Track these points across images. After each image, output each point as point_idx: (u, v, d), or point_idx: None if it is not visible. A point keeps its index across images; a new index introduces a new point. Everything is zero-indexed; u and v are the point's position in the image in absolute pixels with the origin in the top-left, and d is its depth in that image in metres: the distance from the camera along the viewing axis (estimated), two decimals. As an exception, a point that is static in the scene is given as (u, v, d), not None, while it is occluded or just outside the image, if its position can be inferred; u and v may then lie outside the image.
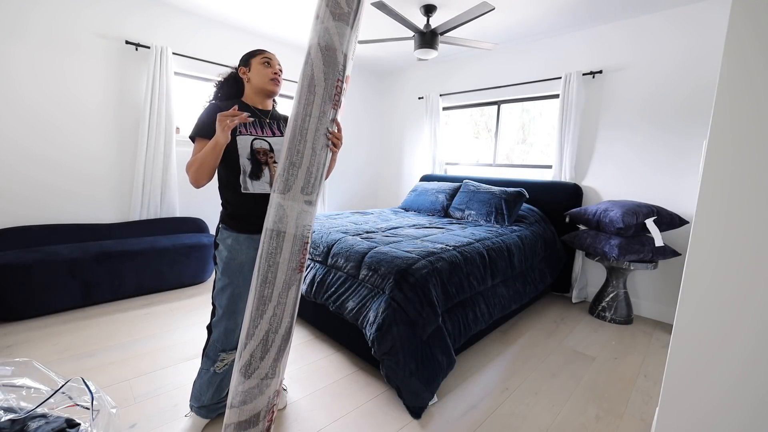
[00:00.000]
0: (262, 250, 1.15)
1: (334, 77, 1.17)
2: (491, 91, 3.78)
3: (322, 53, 1.16)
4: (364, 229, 2.54)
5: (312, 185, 1.18)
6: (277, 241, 1.14)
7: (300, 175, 1.15)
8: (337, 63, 1.17)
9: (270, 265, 1.13)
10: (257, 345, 1.12)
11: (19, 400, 0.97)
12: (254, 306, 1.14)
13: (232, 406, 1.13)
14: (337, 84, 1.18)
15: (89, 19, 2.73)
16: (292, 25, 3.33)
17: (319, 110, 1.16)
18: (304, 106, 1.16)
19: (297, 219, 1.15)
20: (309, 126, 1.16)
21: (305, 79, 1.17)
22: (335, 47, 1.17)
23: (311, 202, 1.19)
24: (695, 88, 2.57)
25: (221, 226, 1.38)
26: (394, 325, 1.62)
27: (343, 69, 1.20)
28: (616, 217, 2.47)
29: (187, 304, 2.67)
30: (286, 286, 1.15)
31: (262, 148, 1.31)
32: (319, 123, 1.17)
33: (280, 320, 1.14)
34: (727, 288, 1.00)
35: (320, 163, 1.19)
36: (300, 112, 1.17)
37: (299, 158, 1.15)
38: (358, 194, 4.97)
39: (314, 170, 1.18)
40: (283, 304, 1.14)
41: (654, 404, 1.72)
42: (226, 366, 1.40)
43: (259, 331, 1.12)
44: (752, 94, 0.95)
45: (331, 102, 1.18)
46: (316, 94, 1.16)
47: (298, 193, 1.15)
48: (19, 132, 2.53)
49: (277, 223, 1.15)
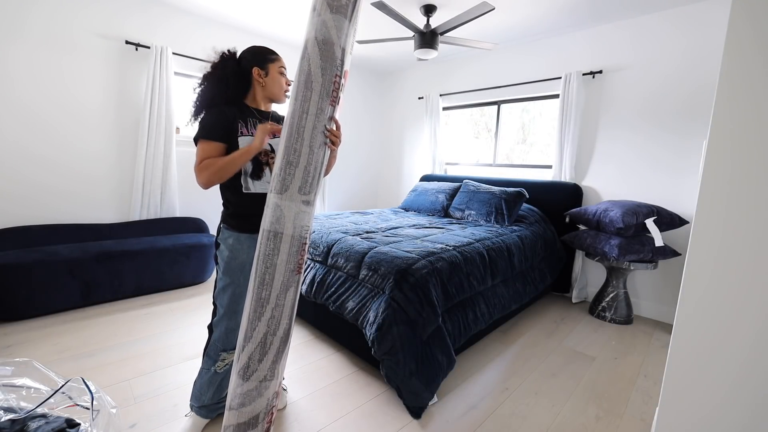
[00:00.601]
0: (260, 252, 1.13)
1: (331, 73, 1.13)
2: (491, 91, 3.78)
3: (319, 48, 1.11)
4: (364, 229, 2.54)
5: (310, 185, 1.14)
6: (274, 243, 1.11)
7: (297, 175, 1.12)
8: (335, 58, 1.13)
9: (267, 266, 1.11)
10: (255, 347, 1.10)
11: (19, 400, 0.97)
12: (252, 308, 1.12)
13: (231, 408, 1.12)
14: (335, 80, 1.14)
15: (89, 19, 2.73)
16: (292, 25, 3.33)
17: (317, 107, 1.13)
18: (301, 103, 1.13)
19: (294, 219, 1.12)
20: (306, 124, 1.12)
21: (302, 75, 1.13)
22: (333, 41, 1.12)
23: (309, 202, 1.15)
24: (696, 88, 2.57)
25: (222, 226, 1.38)
26: (394, 325, 1.62)
27: (341, 64, 1.15)
28: (616, 217, 2.47)
29: (187, 304, 2.67)
30: (284, 288, 1.12)
31: (263, 149, 1.31)
32: (317, 120, 1.13)
33: (278, 322, 1.12)
34: (726, 288, 1.00)
35: (318, 162, 1.16)
36: (297, 109, 1.13)
37: (296, 157, 1.12)
38: (358, 194, 4.97)
39: (312, 169, 1.14)
40: (281, 306, 1.12)
41: (654, 404, 1.72)
42: (227, 366, 1.40)
43: (257, 334, 1.10)
44: (752, 93, 0.95)
45: (329, 98, 1.14)
46: (313, 91, 1.12)
47: (296, 192, 1.12)
48: (18, 132, 2.53)
49: (274, 224, 1.12)
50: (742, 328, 0.99)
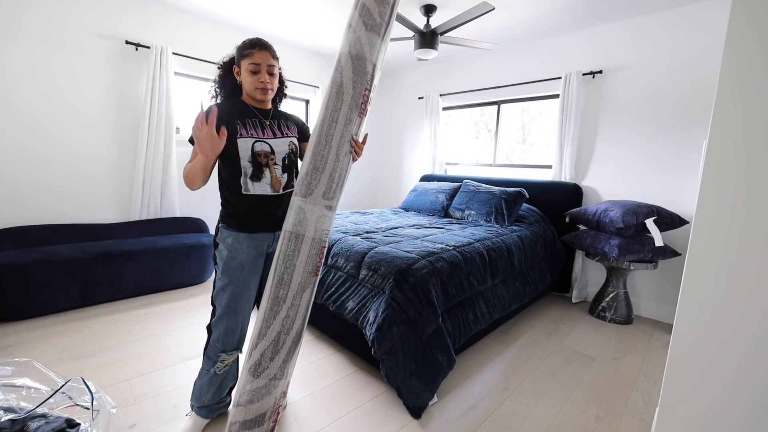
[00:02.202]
0: (280, 251, 1.18)
1: (362, 86, 1.20)
2: (491, 91, 3.78)
3: (352, 62, 1.19)
4: (364, 229, 2.54)
5: (333, 191, 1.21)
6: (295, 244, 1.16)
7: (323, 180, 1.18)
8: (366, 72, 1.21)
9: (287, 266, 1.16)
10: (268, 345, 1.13)
11: (19, 400, 0.97)
12: (268, 306, 1.15)
13: (239, 404, 1.14)
14: (364, 93, 1.21)
15: (89, 19, 2.72)
16: (292, 25, 3.33)
17: (346, 117, 1.19)
18: (332, 112, 1.19)
19: (316, 223, 1.18)
20: (335, 132, 1.18)
21: (334, 86, 1.19)
22: (365, 57, 1.20)
23: (331, 207, 1.21)
24: (696, 88, 2.57)
25: (221, 226, 1.37)
26: (394, 325, 1.62)
27: (371, 78, 1.23)
28: (616, 217, 2.47)
29: (187, 304, 2.67)
30: (300, 289, 1.17)
31: (263, 150, 1.30)
32: (345, 130, 1.20)
33: (292, 322, 1.16)
34: (727, 288, 1.00)
35: (343, 170, 1.22)
36: (327, 117, 1.19)
37: (323, 163, 1.18)
38: (358, 194, 4.97)
39: (336, 176, 1.20)
40: (296, 307, 1.16)
41: (654, 404, 1.72)
42: (226, 367, 1.40)
43: (272, 332, 1.13)
44: (753, 93, 0.95)
45: (357, 110, 1.21)
46: (343, 102, 1.19)
47: (320, 197, 1.18)
48: (18, 133, 2.52)
49: (296, 226, 1.17)
50: (742, 328, 0.99)
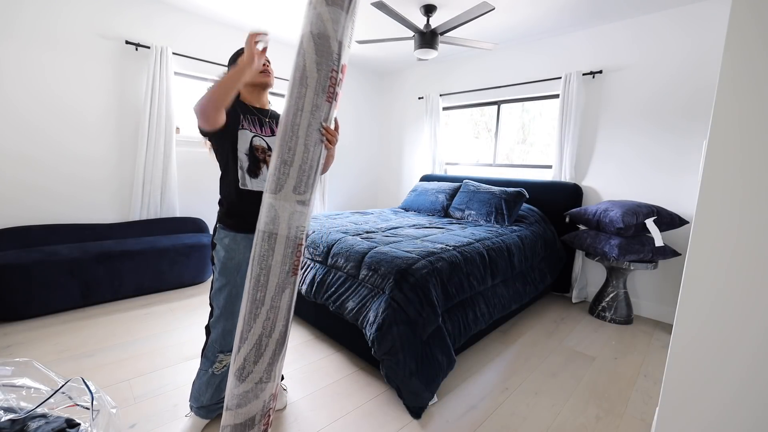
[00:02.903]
0: (255, 253, 1.11)
1: (328, 67, 1.09)
2: (491, 91, 3.78)
3: (315, 42, 1.08)
4: (364, 229, 2.54)
5: (305, 184, 1.12)
6: (269, 243, 1.09)
7: (292, 174, 1.10)
8: (331, 52, 1.09)
9: (262, 267, 1.09)
10: (251, 349, 1.08)
11: (19, 400, 0.97)
12: (247, 309, 1.10)
13: (228, 408, 1.11)
14: (331, 75, 1.10)
15: (89, 20, 2.72)
16: (292, 24, 3.33)
17: (312, 104, 1.10)
18: (296, 99, 1.10)
19: (289, 220, 1.10)
20: (301, 121, 1.09)
21: (297, 71, 1.09)
22: (329, 35, 1.08)
23: (304, 202, 1.13)
24: (696, 88, 2.57)
25: (219, 226, 1.37)
26: (394, 325, 1.62)
27: (338, 58, 1.11)
28: (616, 217, 2.47)
29: (187, 304, 2.67)
30: (279, 290, 1.10)
31: (261, 146, 1.32)
32: (312, 118, 1.10)
33: (273, 324, 1.10)
34: (727, 288, 1.00)
35: (313, 161, 1.13)
36: (291, 106, 1.10)
37: (291, 156, 1.10)
38: (358, 194, 4.97)
39: (307, 168, 1.12)
40: (276, 308, 1.10)
41: (654, 404, 1.72)
42: (225, 367, 1.40)
43: (252, 335, 1.09)
44: (753, 92, 0.95)
45: (325, 94, 1.11)
46: (308, 87, 1.09)
47: (290, 192, 1.10)
48: (18, 135, 2.52)
49: (269, 225, 1.10)
50: (742, 328, 0.98)
